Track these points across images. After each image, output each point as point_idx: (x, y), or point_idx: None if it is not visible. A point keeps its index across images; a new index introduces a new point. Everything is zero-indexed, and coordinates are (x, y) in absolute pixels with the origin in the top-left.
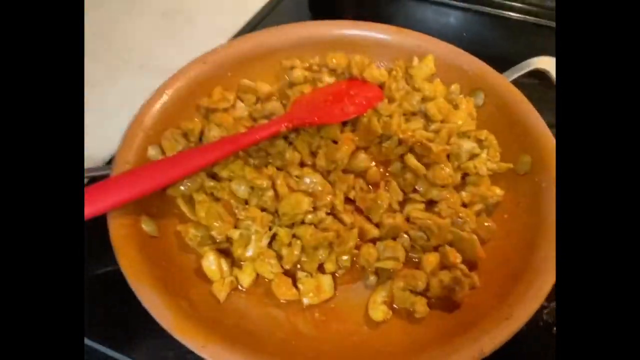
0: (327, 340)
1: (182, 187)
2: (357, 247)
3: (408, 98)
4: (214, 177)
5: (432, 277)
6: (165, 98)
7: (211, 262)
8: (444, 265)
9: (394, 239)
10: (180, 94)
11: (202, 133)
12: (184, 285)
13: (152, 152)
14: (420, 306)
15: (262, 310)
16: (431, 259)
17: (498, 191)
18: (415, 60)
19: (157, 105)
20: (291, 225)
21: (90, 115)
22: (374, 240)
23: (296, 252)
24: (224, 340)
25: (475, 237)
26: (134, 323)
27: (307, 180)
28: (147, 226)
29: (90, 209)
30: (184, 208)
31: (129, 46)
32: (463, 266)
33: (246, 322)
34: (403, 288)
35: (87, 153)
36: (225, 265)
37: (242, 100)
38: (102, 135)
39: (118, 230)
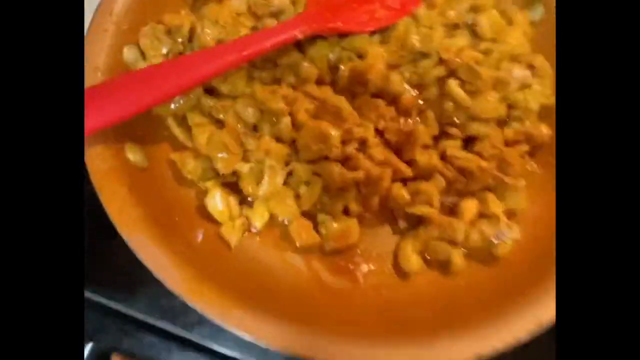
0: (354, 293)
1: (172, 105)
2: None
3: (453, 5)
4: (211, 92)
5: (471, 228)
6: None
7: (218, 201)
8: (483, 214)
9: (427, 179)
10: None
11: (191, 31)
12: (186, 229)
13: (130, 55)
14: (457, 258)
15: (279, 256)
16: (470, 206)
17: (545, 130)
18: None
19: None
20: (312, 161)
21: None
22: (403, 180)
23: (316, 192)
24: (244, 303)
25: (522, 183)
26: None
27: (331, 104)
28: (133, 155)
29: None
30: (177, 132)
31: None
32: (503, 216)
33: (262, 271)
34: (438, 238)
35: None
36: (234, 204)
37: None
38: None
39: (98, 165)
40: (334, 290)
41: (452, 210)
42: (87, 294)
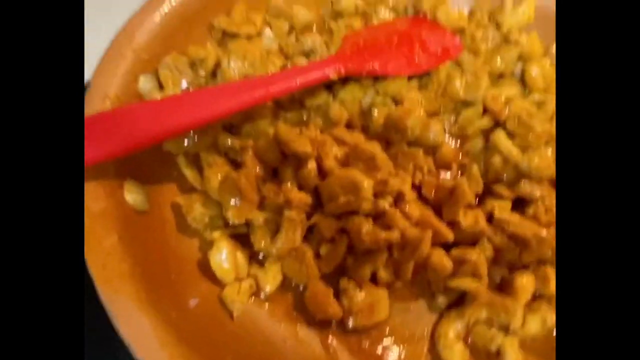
0: None
1: (185, 142)
2: None
3: (501, 53)
4: (230, 130)
5: (531, 313)
6: (167, 7)
7: (224, 256)
8: (541, 294)
9: (472, 246)
10: (190, 3)
11: (216, 66)
12: (181, 289)
13: (146, 84)
14: (511, 351)
15: (290, 331)
16: (527, 284)
17: None
18: (508, 4)
19: (156, 16)
20: (338, 215)
21: None
22: (445, 246)
23: (340, 252)
24: None
25: None
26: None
27: (363, 150)
28: (132, 196)
29: None
30: (187, 172)
31: None
32: None
33: (268, 350)
34: (487, 321)
35: None
36: (242, 262)
37: (270, 27)
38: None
39: (88, 204)
40: None
41: (500, 287)
42: None
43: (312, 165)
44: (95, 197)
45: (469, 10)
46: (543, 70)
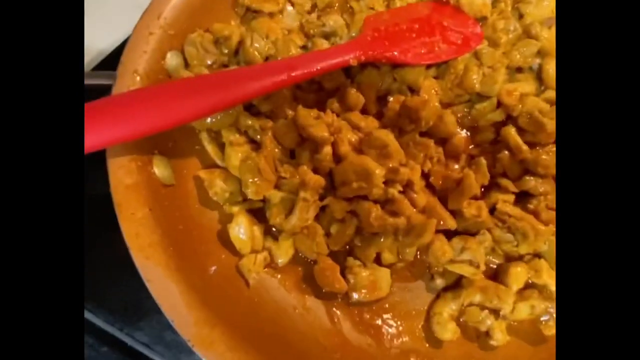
0: (378, 356)
1: (208, 120)
2: None
3: (520, 47)
4: (249, 109)
5: (521, 300)
6: None
7: (241, 229)
8: (531, 284)
9: (473, 235)
10: None
11: (239, 44)
12: (204, 258)
13: (172, 61)
14: (499, 333)
15: (299, 300)
16: (520, 274)
17: None
18: None
19: None
20: (349, 199)
21: None
22: (446, 232)
23: (349, 233)
24: (254, 357)
25: None
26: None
27: (376, 138)
28: (160, 170)
29: (86, 141)
30: (210, 148)
31: None
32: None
33: (279, 317)
34: (480, 304)
35: None
36: (258, 235)
37: (292, 4)
38: (95, 19)
39: (121, 178)
40: (356, 349)
41: (495, 274)
42: (88, 316)
43: (327, 150)
44: (127, 171)
45: None
46: None
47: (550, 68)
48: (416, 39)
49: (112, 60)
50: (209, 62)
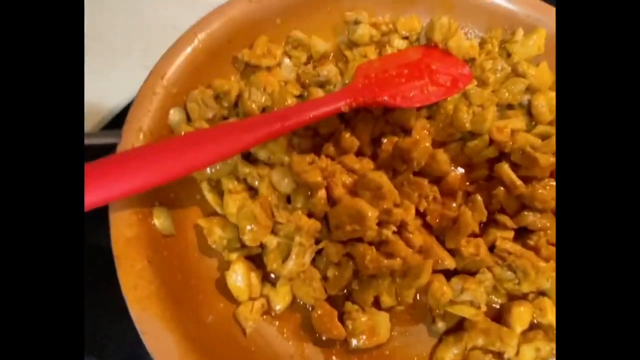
0: None
1: (208, 170)
2: None
3: (508, 85)
4: (247, 157)
5: (525, 342)
6: (196, 43)
7: (238, 277)
8: (537, 324)
9: (473, 274)
10: (215, 39)
11: (238, 97)
12: (201, 306)
13: (175, 117)
14: None
15: (297, 348)
16: (524, 314)
17: None
18: (519, 34)
19: (186, 53)
20: (345, 241)
21: (90, 55)
22: (446, 273)
23: (347, 276)
24: None
25: None
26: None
27: (370, 180)
28: (160, 222)
29: (88, 199)
30: (209, 197)
31: None
32: None
33: None
34: (483, 347)
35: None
36: (256, 282)
37: (289, 58)
38: (106, 80)
39: (122, 231)
40: None
41: (499, 315)
42: None
43: (321, 194)
44: (128, 224)
45: (481, 39)
46: (550, 102)
47: (539, 104)
48: (405, 83)
49: (121, 119)
50: (210, 116)
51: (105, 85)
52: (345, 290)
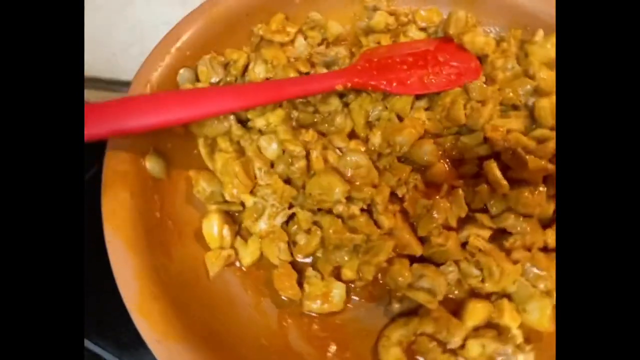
0: None
1: (207, 129)
2: (389, 260)
3: (514, 84)
4: (244, 122)
5: (474, 338)
6: (214, 12)
7: (213, 225)
8: (492, 324)
9: (439, 265)
10: (234, 11)
11: (246, 67)
12: (173, 244)
13: (185, 75)
14: None
15: (254, 301)
16: (479, 311)
17: None
18: (540, 34)
19: (204, 20)
20: (315, 210)
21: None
22: (412, 258)
23: (314, 244)
24: (189, 339)
25: (550, 301)
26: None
27: (351, 158)
28: (151, 164)
29: (92, 130)
30: (203, 151)
31: None
32: (519, 333)
33: (230, 312)
34: (431, 336)
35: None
36: (227, 234)
37: (304, 37)
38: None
39: (114, 165)
40: (296, 355)
41: (457, 308)
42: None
43: (301, 164)
44: (121, 160)
45: (499, 37)
46: (554, 107)
47: (542, 107)
48: (406, 70)
49: None
50: (215, 80)
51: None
52: (311, 259)
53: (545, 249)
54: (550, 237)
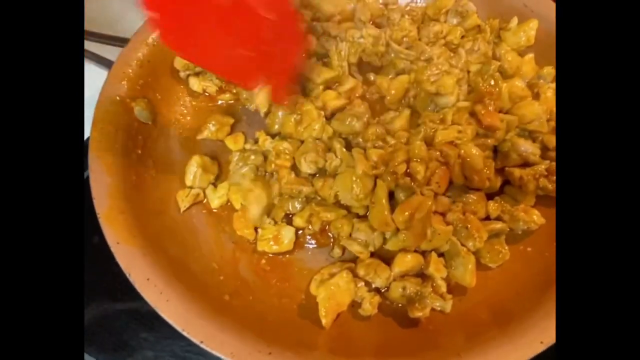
0: (260, 290)
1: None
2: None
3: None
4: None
5: (397, 280)
6: None
7: (193, 169)
8: (421, 273)
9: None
10: None
11: None
12: (150, 178)
13: None
14: (367, 303)
15: (214, 234)
16: (405, 260)
17: (536, 217)
18: (514, 22)
19: None
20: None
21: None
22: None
23: (271, 194)
24: (143, 247)
25: (473, 258)
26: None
27: None
28: (138, 109)
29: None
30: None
31: None
32: (443, 283)
33: (189, 237)
34: (360, 277)
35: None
36: (202, 177)
37: None
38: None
39: (104, 105)
40: (241, 280)
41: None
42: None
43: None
44: (112, 102)
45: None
46: (511, 89)
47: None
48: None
49: None
50: None
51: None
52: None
53: (487, 218)
54: (491, 207)
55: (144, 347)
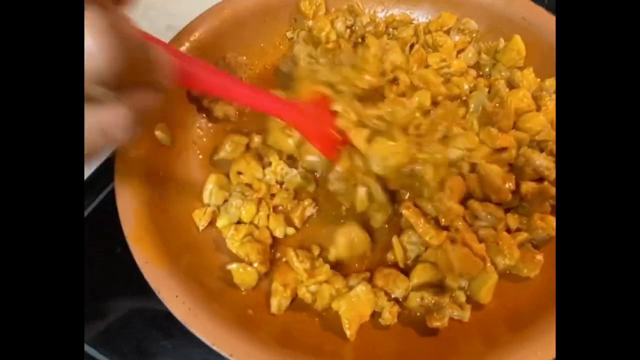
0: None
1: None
2: None
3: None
4: None
5: (415, 290)
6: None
7: (209, 186)
8: (439, 283)
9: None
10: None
11: None
12: (171, 198)
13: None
14: (387, 313)
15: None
16: (423, 272)
17: (554, 224)
18: (501, 44)
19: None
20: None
21: None
22: None
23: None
24: (170, 264)
25: (495, 277)
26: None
27: None
28: (160, 133)
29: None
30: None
31: None
32: (461, 293)
33: (210, 255)
34: (379, 287)
35: None
36: (218, 195)
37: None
38: None
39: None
40: (263, 293)
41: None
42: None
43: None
44: None
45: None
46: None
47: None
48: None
49: None
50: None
51: None
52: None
53: (508, 230)
54: (510, 219)
55: (164, 354)
